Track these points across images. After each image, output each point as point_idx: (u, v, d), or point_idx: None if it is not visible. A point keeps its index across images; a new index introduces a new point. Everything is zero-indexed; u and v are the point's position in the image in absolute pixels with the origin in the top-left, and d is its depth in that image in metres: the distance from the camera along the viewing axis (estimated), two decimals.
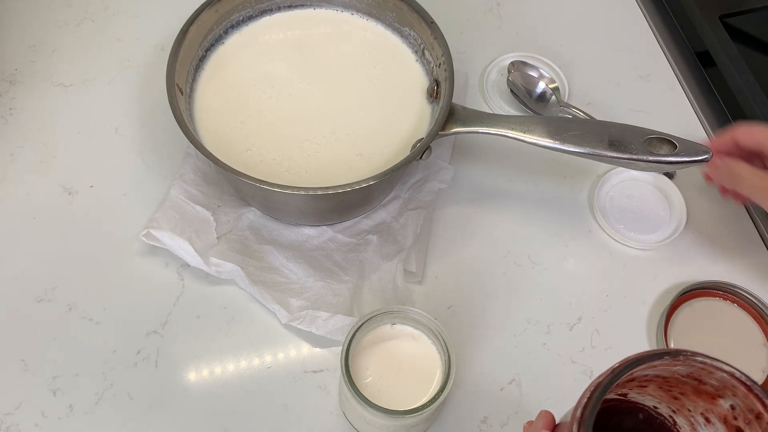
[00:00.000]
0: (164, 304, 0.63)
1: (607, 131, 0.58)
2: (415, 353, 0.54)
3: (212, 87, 0.67)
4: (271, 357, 0.61)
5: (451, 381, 0.50)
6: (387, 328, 0.54)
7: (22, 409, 0.58)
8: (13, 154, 0.70)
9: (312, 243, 0.65)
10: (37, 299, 0.62)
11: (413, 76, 0.69)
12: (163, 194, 0.67)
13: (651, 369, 0.39)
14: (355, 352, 0.52)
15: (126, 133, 0.72)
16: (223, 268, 0.62)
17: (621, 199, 0.70)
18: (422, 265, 0.65)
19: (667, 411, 0.45)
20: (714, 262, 0.67)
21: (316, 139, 0.65)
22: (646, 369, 0.39)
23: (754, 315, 0.63)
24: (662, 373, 0.41)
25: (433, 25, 0.65)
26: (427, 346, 0.54)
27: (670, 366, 0.39)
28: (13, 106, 0.73)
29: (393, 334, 0.54)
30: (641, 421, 0.45)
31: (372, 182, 0.56)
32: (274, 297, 0.61)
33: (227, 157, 0.58)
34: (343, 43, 0.70)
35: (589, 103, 0.76)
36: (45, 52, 0.77)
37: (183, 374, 0.60)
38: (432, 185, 0.67)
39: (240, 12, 0.69)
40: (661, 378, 0.42)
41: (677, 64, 0.81)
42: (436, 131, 0.60)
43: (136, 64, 0.77)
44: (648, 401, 0.45)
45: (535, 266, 0.66)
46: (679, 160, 0.56)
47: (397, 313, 0.53)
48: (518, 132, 0.59)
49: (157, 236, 0.62)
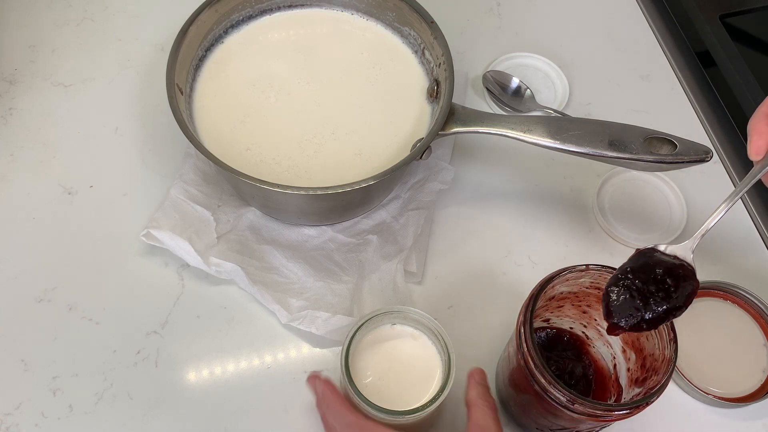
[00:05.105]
0: (164, 304, 0.63)
1: (607, 131, 0.58)
2: (415, 353, 0.54)
3: (212, 87, 0.67)
4: (271, 357, 0.61)
5: (451, 381, 0.50)
6: (387, 328, 0.54)
7: (22, 409, 0.58)
8: (13, 154, 0.70)
9: (312, 243, 0.65)
10: (37, 299, 0.62)
11: (413, 76, 0.68)
12: (163, 194, 0.67)
13: (565, 283, 0.51)
14: (355, 353, 0.52)
15: (126, 133, 0.72)
16: (223, 268, 0.62)
17: (621, 199, 0.70)
18: (422, 266, 0.65)
19: (579, 328, 0.58)
20: (714, 262, 0.67)
21: (316, 139, 0.65)
22: (561, 283, 0.51)
23: (754, 315, 0.63)
24: (572, 288, 0.53)
25: (433, 25, 0.65)
26: (427, 347, 0.54)
27: (578, 278, 0.51)
28: (13, 106, 0.73)
29: (393, 334, 0.54)
30: (566, 342, 0.59)
31: (372, 182, 0.56)
32: (274, 297, 0.61)
33: (227, 157, 0.58)
34: (343, 43, 0.70)
35: (589, 103, 0.76)
36: (45, 52, 0.77)
37: (183, 374, 0.60)
38: (432, 186, 0.67)
39: (240, 12, 0.69)
40: (572, 294, 0.54)
41: (677, 64, 0.81)
42: (436, 131, 0.60)
43: (136, 64, 0.77)
44: (566, 323, 0.59)
45: (535, 266, 0.66)
46: (679, 160, 0.56)
47: (397, 313, 0.53)
48: (518, 132, 0.59)
49: (157, 236, 0.62)
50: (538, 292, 0.49)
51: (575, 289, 0.53)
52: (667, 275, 0.45)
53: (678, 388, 0.61)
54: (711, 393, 0.59)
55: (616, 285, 0.46)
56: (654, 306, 0.44)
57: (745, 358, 0.61)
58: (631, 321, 0.45)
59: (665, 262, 0.46)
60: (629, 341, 0.53)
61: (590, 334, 0.58)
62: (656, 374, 0.48)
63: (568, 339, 0.59)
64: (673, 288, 0.45)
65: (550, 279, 0.49)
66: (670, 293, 0.45)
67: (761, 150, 0.49)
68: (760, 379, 0.60)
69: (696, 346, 0.61)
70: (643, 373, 0.51)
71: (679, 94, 0.78)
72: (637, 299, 0.45)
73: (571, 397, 0.46)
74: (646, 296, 0.45)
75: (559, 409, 0.47)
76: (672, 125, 0.60)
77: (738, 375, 0.61)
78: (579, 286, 0.52)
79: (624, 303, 0.45)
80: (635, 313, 0.45)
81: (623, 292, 0.45)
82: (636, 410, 0.46)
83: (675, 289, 0.45)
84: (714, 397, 0.59)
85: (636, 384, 0.52)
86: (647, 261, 0.46)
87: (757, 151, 0.49)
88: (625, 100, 0.77)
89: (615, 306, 0.45)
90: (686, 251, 0.47)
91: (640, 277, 0.45)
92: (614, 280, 0.46)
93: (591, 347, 0.58)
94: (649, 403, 0.46)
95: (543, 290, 0.49)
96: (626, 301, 0.45)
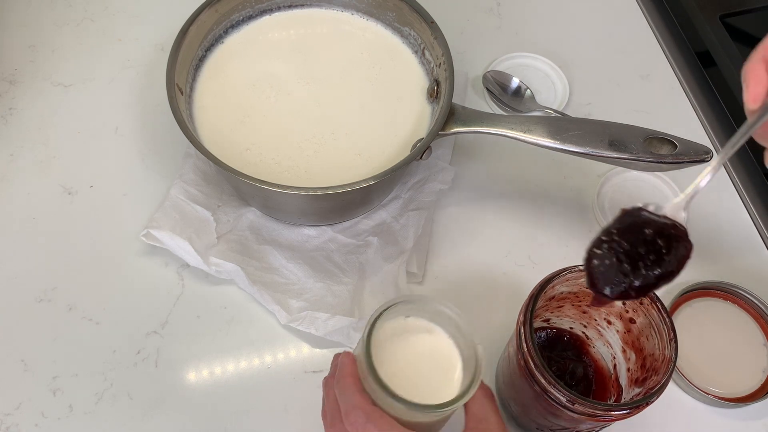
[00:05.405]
0: (164, 304, 0.63)
1: (607, 131, 0.58)
2: (431, 347, 0.49)
3: (212, 87, 0.67)
4: (271, 357, 0.61)
5: (481, 373, 0.45)
6: (401, 320, 0.49)
7: (22, 409, 0.58)
8: (13, 154, 0.70)
9: (312, 243, 0.65)
10: (37, 299, 0.62)
11: (413, 76, 0.68)
12: (163, 194, 0.67)
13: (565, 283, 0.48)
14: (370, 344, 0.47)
15: (126, 133, 0.72)
16: (223, 268, 0.62)
17: (621, 199, 0.70)
18: (423, 266, 0.65)
19: (580, 328, 0.57)
20: (714, 262, 0.67)
21: (316, 139, 0.65)
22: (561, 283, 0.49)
23: (754, 315, 0.63)
24: (572, 288, 0.51)
25: (433, 25, 0.65)
26: (443, 340, 0.49)
27: (578, 278, 0.49)
28: (13, 106, 0.73)
29: (406, 327, 0.49)
30: (566, 342, 0.58)
31: (372, 182, 0.56)
32: (274, 297, 0.61)
33: (227, 157, 0.58)
34: (342, 43, 0.70)
35: (589, 103, 0.76)
36: (45, 52, 0.77)
37: (183, 374, 0.60)
38: (433, 186, 0.67)
39: (240, 12, 0.69)
40: (572, 294, 0.52)
41: (677, 64, 0.81)
42: (436, 131, 0.60)
43: (136, 64, 0.77)
44: (566, 323, 0.57)
45: (536, 266, 0.66)
46: (679, 160, 0.56)
47: (413, 303, 0.48)
48: (518, 132, 0.59)
49: (157, 236, 0.62)
50: (538, 292, 0.49)
51: (575, 289, 0.53)
52: (658, 236, 0.40)
53: (678, 388, 0.61)
54: (711, 393, 0.59)
55: (599, 248, 0.41)
56: (644, 271, 0.39)
57: (745, 358, 0.61)
58: (617, 289, 0.40)
59: (655, 221, 0.41)
60: (629, 341, 0.53)
61: (590, 334, 0.58)
62: (656, 374, 0.48)
63: (568, 339, 0.59)
64: (664, 250, 0.40)
65: (550, 279, 0.49)
66: (661, 256, 0.39)
67: (759, 97, 0.43)
68: (760, 379, 0.60)
69: (696, 346, 0.61)
70: (643, 373, 0.51)
71: (679, 94, 0.78)
72: (625, 263, 0.40)
73: (571, 397, 0.45)
74: (634, 259, 0.39)
75: (559, 409, 0.47)
76: (672, 125, 0.60)
77: (738, 375, 0.61)
78: (579, 286, 0.52)
79: (609, 268, 0.40)
80: (623, 279, 0.40)
81: (608, 256, 0.40)
82: (636, 410, 0.46)
83: (667, 251, 0.40)
84: (714, 397, 0.59)
85: (636, 384, 0.52)
86: (635, 221, 0.41)
87: (755, 98, 0.43)
88: (625, 100, 0.77)
89: (599, 272, 0.40)
90: (677, 210, 0.42)
91: (626, 238, 0.40)
92: (597, 243, 0.41)
93: (591, 347, 0.58)
94: (649, 403, 0.46)
95: (543, 290, 0.49)
96: (612, 265, 0.40)
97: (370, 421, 0.43)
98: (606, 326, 0.55)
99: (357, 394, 0.44)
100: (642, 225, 0.41)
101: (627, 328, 0.53)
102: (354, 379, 0.46)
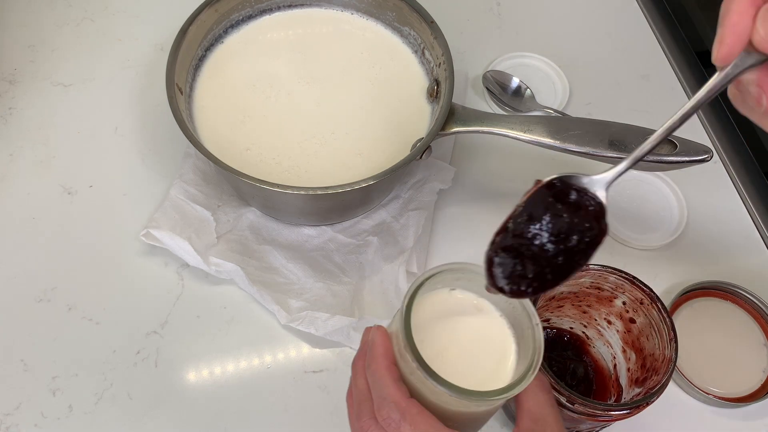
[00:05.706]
0: (164, 304, 0.63)
1: (607, 131, 0.58)
2: (480, 327, 0.42)
3: (212, 87, 0.67)
4: (271, 357, 0.61)
5: (540, 358, 0.39)
6: (444, 293, 0.42)
7: (22, 409, 0.58)
8: (12, 154, 0.70)
9: (312, 243, 0.65)
10: (37, 299, 0.62)
11: (413, 76, 0.68)
12: (163, 194, 0.67)
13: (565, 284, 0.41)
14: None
15: (126, 133, 0.72)
16: (223, 268, 0.62)
17: (621, 199, 0.70)
18: (423, 266, 0.65)
19: (580, 328, 0.58)
20: (714, 262, 0.67)
21: (316, 138, 0.65)
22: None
23: (754, 315, 0.63)
24: (572, 288, 0.52)
25: (433, 25, 0.65)
26: (495, 319, 0.42)
27: (578, 278, 0.50)
28: (13, 106, 0.73)
29: (451, 301, 0.42)
30: (566, 342, 0.59)
31: (372, 182, 0.56)
32: (274, 297, 0.61)
33: (227, 156, 0.58)
34: (342, 43, 0.70)
35: (589, 103, 0.76)
36: (45, 52, 0.77)
37: (183, 374, 0.60)
38: (433, 185, 0.67)
39: (239, 11, 0.69)
40: (573, 294, 0.53)
41: (677, 64, 0.81)
42: (436, 131, 0.60)
43: (136, 64, 0.77)
44: (566, 323, 0.58)
45: None
46: (679, 160, 0.56)
47: (461, 272, 0.41)
48: (518, 132, 0.59)
49: (157, 236, 0.62)
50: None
51: (575, 289, 0.53)
52: (567, 216, 0.36)
53: (678, 388, 0.61)
54: (711, 393, 0.59)
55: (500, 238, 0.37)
56: (544, 265, 0.35)
57: (745, 358, 0.61)
58: (514, 286, 0.36)
59: (567, 201, 0.37)
60: (629, 341, 0.53)
61: (590, 334, 0.58)
62: (656, 374, 0.48)
63: (568, 339, 0.59)
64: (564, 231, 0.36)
65: None
66: (565, 244, 0.35)
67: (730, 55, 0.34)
68: (760, 379, 0.60)
69: (696, 346, 0.61)
70: (643, 373, 0.51)
71: (679, 94, 0.78)
72: (526, 255, 0.36)
73: (571, 397, 0.45)
74: (534, 254, 0.36)
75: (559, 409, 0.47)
76: None
77: (738, 375, 0.61)
78: (579, 286, 0.53)
79: (506, 261, 0.36)
80: (520, 272, 0.35)
81: (508, 249, 0.36)
82: (636, 410, 0.46)
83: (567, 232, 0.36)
84: (714, 397, 0.59)
85: (636, 384, 0.52)
86: (543, 199, 0.38)
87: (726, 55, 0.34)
88: (625, 100, 0.77)
89: (497, 266, 0.36)
90: (599, 185, 0.38)
91: (528, 222, 0.37)
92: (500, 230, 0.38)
93: (591, 347, 0.58)
94: (649, 403, 0.46)
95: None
96: (509, 260, 0.36)
97: (406, 420, 0.37)
98: (606, 326, 0.55)
99: (392, 385, 0.38)
100: (550, 205, 0.37)
101: (627, 328, 0.53)
102: (388, 362, 0.40)
